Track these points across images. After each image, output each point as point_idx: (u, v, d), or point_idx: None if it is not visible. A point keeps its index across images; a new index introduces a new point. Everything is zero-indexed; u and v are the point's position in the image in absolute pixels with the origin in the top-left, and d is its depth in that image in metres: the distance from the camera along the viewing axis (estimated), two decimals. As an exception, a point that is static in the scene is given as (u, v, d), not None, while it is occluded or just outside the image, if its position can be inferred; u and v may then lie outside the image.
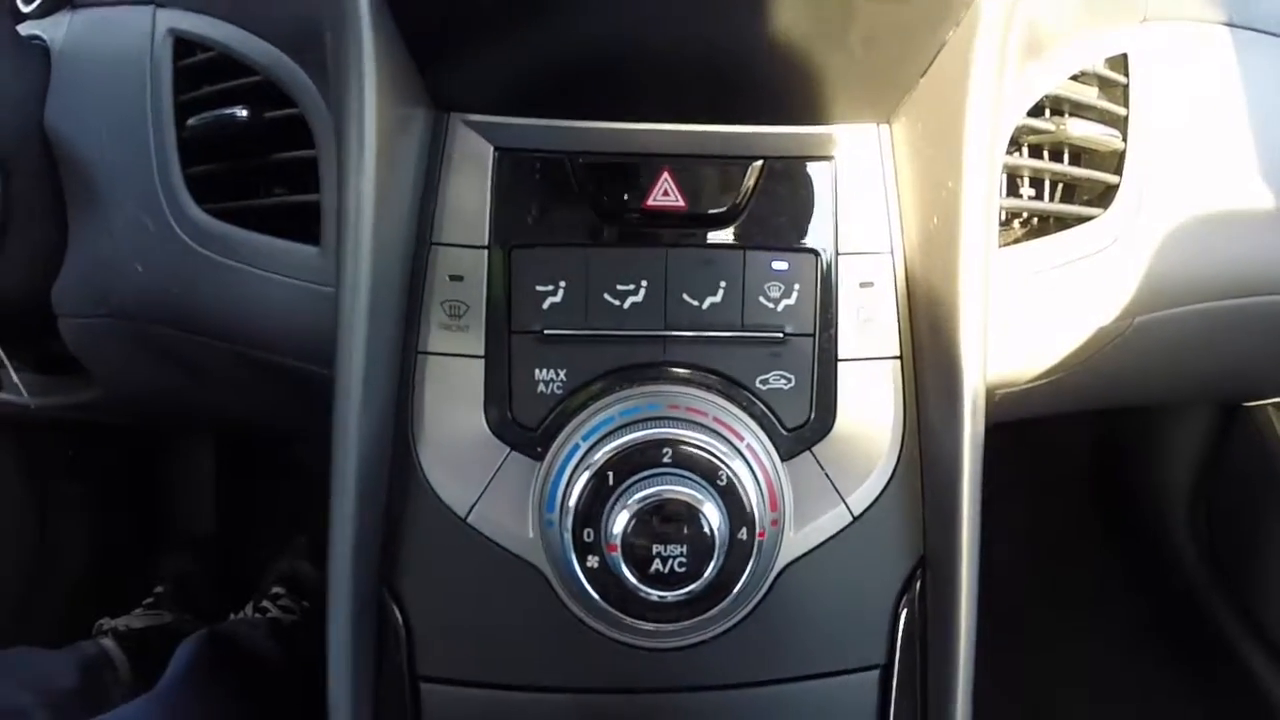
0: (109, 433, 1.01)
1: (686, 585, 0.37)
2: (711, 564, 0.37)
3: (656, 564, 0.37)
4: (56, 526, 1.02)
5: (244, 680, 0.67)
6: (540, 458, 0.41)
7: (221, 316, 0.51)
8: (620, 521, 0.37)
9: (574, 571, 0.38)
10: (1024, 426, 0.66)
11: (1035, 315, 0.49)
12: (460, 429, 0.42)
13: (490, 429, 0.42)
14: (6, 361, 0.62)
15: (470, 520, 0.41)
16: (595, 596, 0.38)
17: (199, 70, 0.49)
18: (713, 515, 0.37)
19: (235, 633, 0.83)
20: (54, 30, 0.53)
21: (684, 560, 0.37)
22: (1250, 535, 0.79)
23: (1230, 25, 0.54)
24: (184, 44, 0.49)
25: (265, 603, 0.94)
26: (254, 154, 0.48)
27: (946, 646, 0.43)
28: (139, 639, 0.82)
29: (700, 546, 0.37)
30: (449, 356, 0.42)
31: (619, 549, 0.37)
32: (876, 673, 0.43)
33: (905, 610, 0.43)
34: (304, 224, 0.45)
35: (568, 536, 0.38)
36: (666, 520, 0.37)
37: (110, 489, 1.07)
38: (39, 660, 0.68)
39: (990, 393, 0.50)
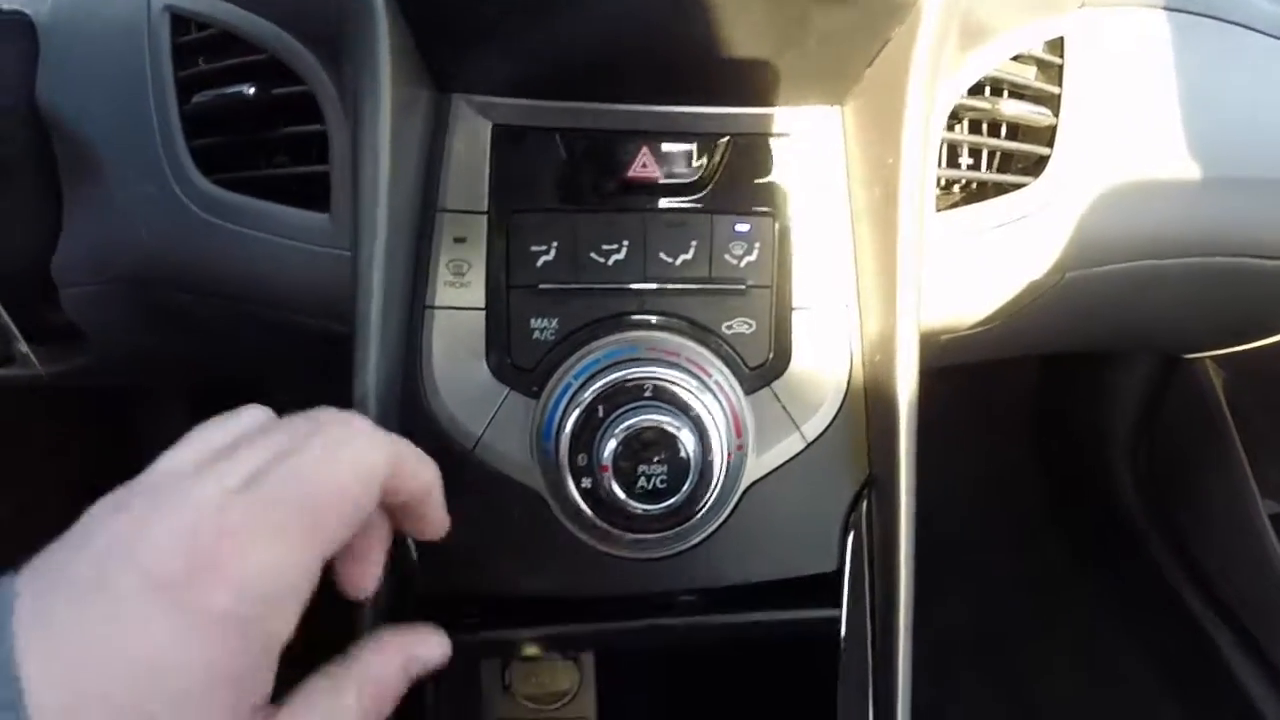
0: (77, 401, 1.02)
1: (666, 500, 0.44)
2: (687, 482, 0.44)
3: (641, 482, 0.43)
4: (34, 517, 1.04)
5: None
6: (536, 396, 0.47)
7: (232, 280, 0.54)
8: (609, 447, 0.43)
9: (570, 492, 0.45)
10: (973, 369, 0.73)
11: (974, 270, 0.55)
12: (464, 373, 0.48)
13: (491, 372, 0.47)
14: (17, 334, 0.64)
15: (476, 452, 0.47)
16: (588, 513, 0.45)
17: (197, 46, 0.51)
18: (688, 440, 0.43)
19: None
20: (37, 4, 0.54)
21: (664, 478, 0.43)
22: (1186, 480, 0.86)
23: (1167, 9, 0.60)
24: (180, 20, 0.51)
25: None
26: (262, 128, 0.51)
27: (890, 557, 0.50)
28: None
29: (677, 467, 0.43)
30: (454, 310, 0.47)
31: (610, 470, 0.43)
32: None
33: (854, 524, 0.50)
34: (310, 192, 0.50)
35: (564, 462, 0.44)
36: (648, 445, 0.43)
37: (83, 466, 1.05)
38: None
39: (935, 338, 0.57)
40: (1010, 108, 0.53)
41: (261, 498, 0.29)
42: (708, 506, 0.45)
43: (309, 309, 0.54)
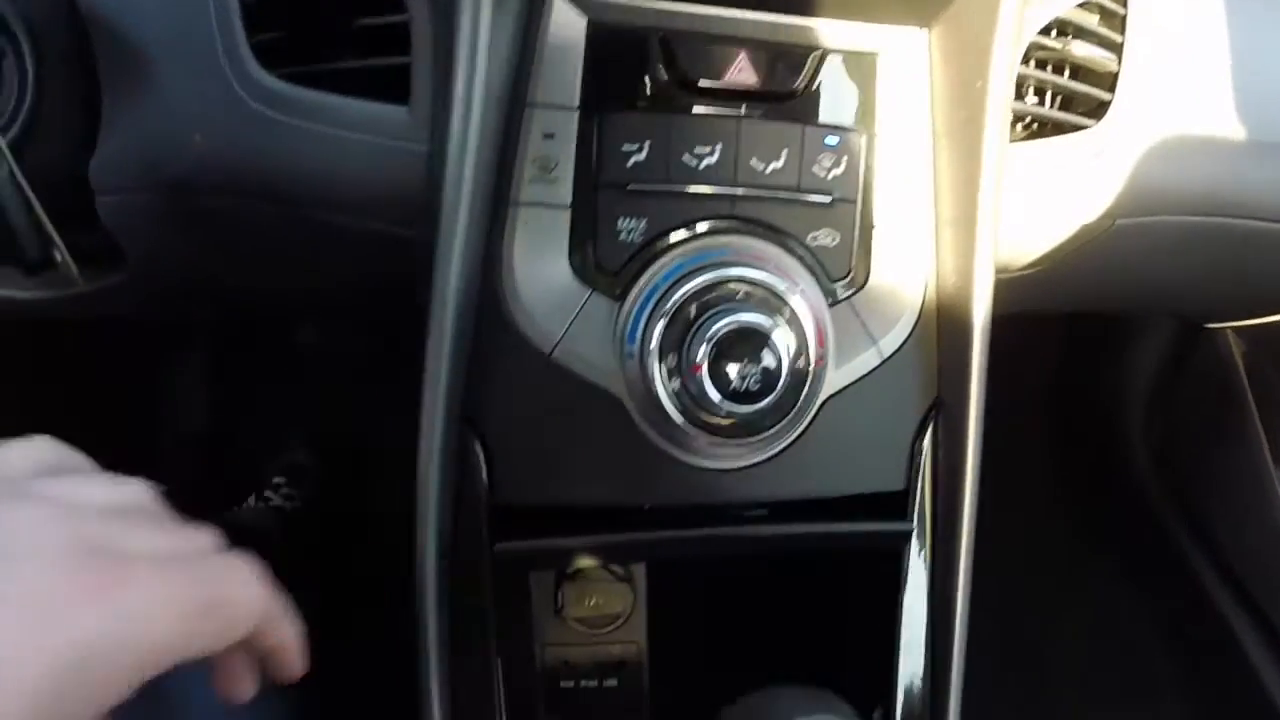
0: (94, 333, 0.98)
1: (758, 402, 0.43)
2: (780, 384, 0.43)
3: (735, 383, 0.43)
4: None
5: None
6: (620, 299, 0.47)
7: (291, 180, 0.52)
8: (703, 347, 0.43)
9: (657, 395, 0.44)
10: (993, 340, 0.74)
11: (1029, 207, 0.56)
12: (546, 274, 0.47)
13: (574, 273, 0.47)
14: (56, 236, 0.61)
15: (555, 356, 0.46)
16: (675, 416, 0.44)
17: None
18: (782, 342, 0.43)
19: (237, 518, 0.85)
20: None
21: (758, 380, 0.43)
22: (1202, 452, 0.88)
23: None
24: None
25: (268, 492, 0.95)
26: (332, 19, 0.49)
27: (955, 477, 0.51)
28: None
29: (771, 369, 0.43)
30: (538, 206, 0.46)
31: (703, 369, 0.43)
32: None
33: (922, 444, 0.50)
34: (383, 84, 0.48)
35: (652, 363, 0.44)
36: (742, 346, 0.43)
37: (97, 393, 1.02)
38: None
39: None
40: (1080, 49, 0.55)
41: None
42: (794, 413, 0.45)
43: (373, 210, 0.52)
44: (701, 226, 0.47)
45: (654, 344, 0.44)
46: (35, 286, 0.64)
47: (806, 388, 0.45)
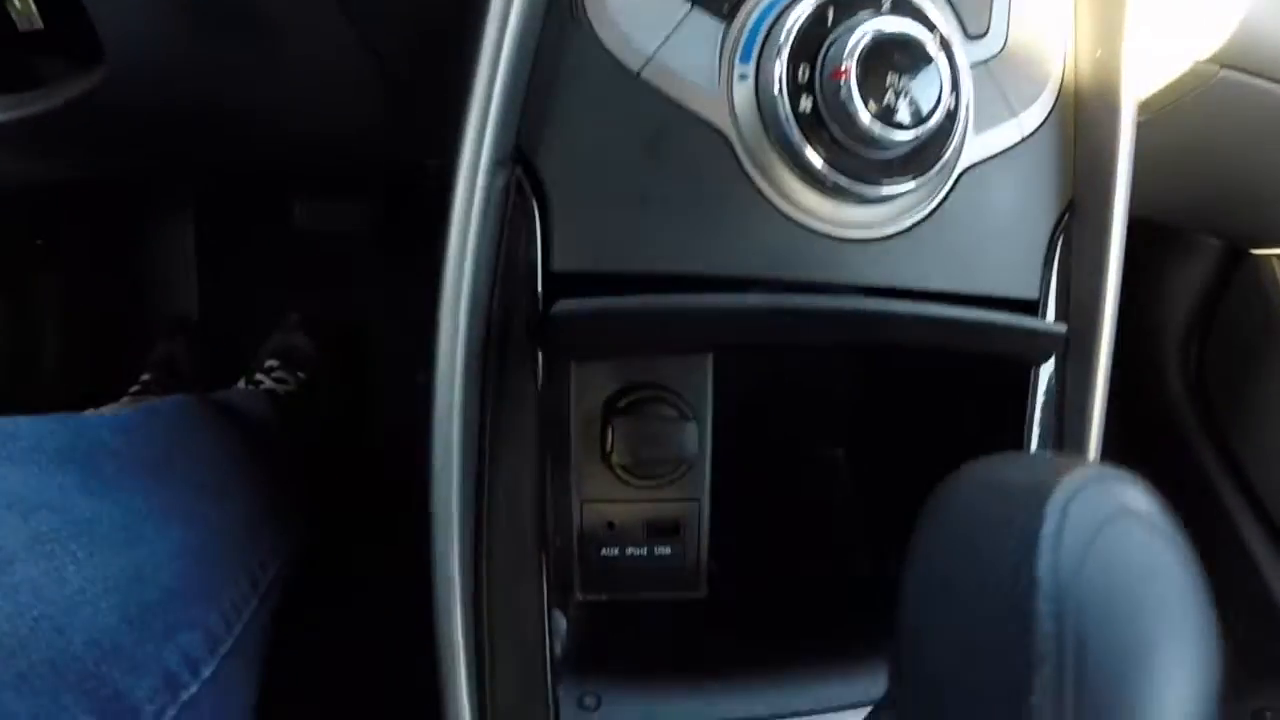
0: (78, 213, 0.91)
1: (912, 128, 0.34)
2: (936, 111, 0.34)
3: (889, 96, 0.33)
4: (29, 329, 0.89)
5: (237, 439, 0.56)
6: (728, 18, 0.37)
7: None
8: (852, 48, 0.33)
9: (780, 116, 0.34)
10: None
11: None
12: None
13: (671, -18, 0.37)
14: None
15: (644, 75, 0.36)
16: (799, 140, 0.34)
17: None
18: (941, 63, 0.35)
19: (228, 398, 0.72)
20: None
21: (913, 97, 0.34)
22: (1237, 377, 0.85)
23: None
24: None
25: (259, 375, 0.84)
26: None
27: (1093, 291, 0.43)
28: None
29: (929, 88, 0.34)
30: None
31: (849, 74, 0.33)
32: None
33: (1058, 250, 0.42)
34: None
35: (777, 69, 0.34)
36: (897, 53, 0.34)
37: (83, 280, 0.94)
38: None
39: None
40: None
41: None
42: (939, 165, 0.37)
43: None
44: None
45: (783, 54, 0.34)
46: (8, 107, 0.51)
47: (955, 134, 0.37)
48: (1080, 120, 0.43)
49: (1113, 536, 0.20)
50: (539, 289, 0.36)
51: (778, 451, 0.52)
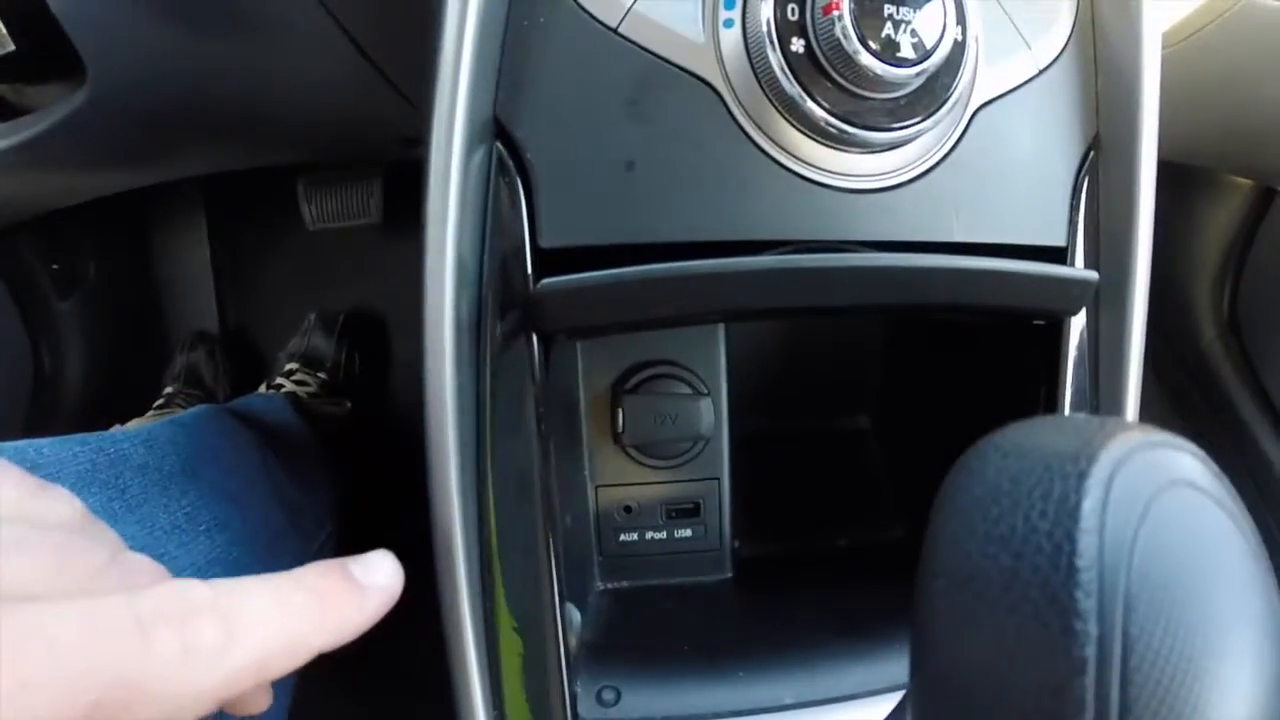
0: (91, 233, 0.92)
1: (915, 64, 0.31)
2: (941, 44, 0.32)
3: (886, 29, 0.31)
4: (51, 353, 0.90)
5: (260, 445, 0.55)
6: (710, -38, 0.34)
7: None
8: (842, -25, 0.31)
9: (770, 61, 0.32)
10: None
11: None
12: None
13: (646, -72, 0.34)
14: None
15: (622, 30, 0.34)
16: (791, 87, 0.32)
17: None
18: (939, -11, 0.32)
19: (249, 404, 0.72)
20: None
21: (915, 30, 0.31)
22: (1271, 321, 0.82)
23: None
24: None
25: (280, 379, 0.85)
26: None
27: (1122, 235, 0.39)
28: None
29: (931, 20, 0.31)
30: None
31: (844, 6, 0.30)
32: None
33: (1084, 192, 0.39)
34: None
35: (767, 16, 0.32)
36: (892, -16, 0.31)
37: (101, 298, 0.95)
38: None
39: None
40: None
41: None
42: (949, 102, 0.34)
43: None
44: None
45: (769, -7, 0.32)
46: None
47: (965, 69, 0.34)
48: (1100, 50, 0.40)
49: (1165, 513, 0.18)
50: (529, 268, 0.34)
51: (801, 423, 0.50)
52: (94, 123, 0.54)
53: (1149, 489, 0.18)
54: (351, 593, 0.23)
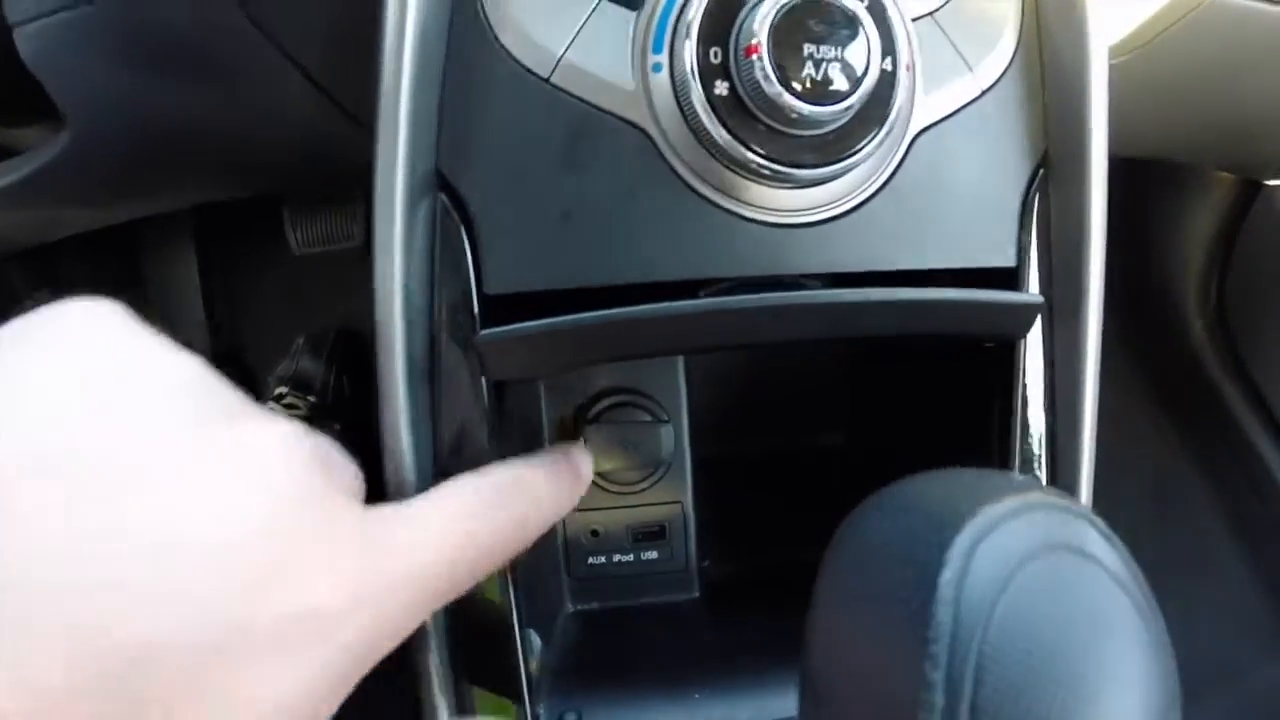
0: (82, 262, 0.92)
1: (839, 100, 0.31)
2: (866, 78, 0.32)
3: (808, 69, 0.31)
4: None
5: None
6: (639, 5, 0.35)
7: None
8: (761, 21, 0.31)
9: (695, 105, 0.32)
10: None
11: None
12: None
13: (575, -24, 0.35)
14: None
15: (554, 80, 0.34)
16: (719, 133, 0.32)
17: None
18: (867, 24, 0.32)
19: None
20: None
21: (838, 66, 0.31)
22: (1259, 314, 0.81)
23: None
24: None
25: (270, 404, 0.87)
26: None
27: (1076, 248, 0.39)
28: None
29: (855, 53, 0.32)
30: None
31: (762, 49, 0.31)
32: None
33: (1034, 210, 0.39)
34: None
35: (690, 63, 0.32)
36: (813, 20, 0.31)
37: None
38: None
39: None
40: None
41: None
42: (882, 133, 0.34)
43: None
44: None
45: (693, 36, 0.32)
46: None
47: (896, 98, 0.34)
48: (1047, 65, 0.39)
49: (1033, 581, 0.18)
50: (475, 314, 0.35)
51: (772, 441, 0.51)
52: (76, 164, 0.56)
53: (1015, 557, 0.19)
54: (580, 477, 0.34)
